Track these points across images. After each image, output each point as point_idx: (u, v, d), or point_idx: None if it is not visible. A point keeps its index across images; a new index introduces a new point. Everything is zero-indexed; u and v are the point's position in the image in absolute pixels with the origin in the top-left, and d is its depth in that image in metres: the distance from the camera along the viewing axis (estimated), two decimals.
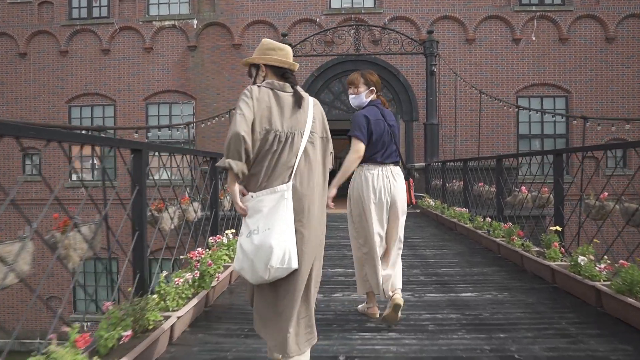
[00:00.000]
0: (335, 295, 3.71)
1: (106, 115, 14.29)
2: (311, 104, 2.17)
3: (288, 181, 2.02)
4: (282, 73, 2.16)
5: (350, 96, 3.14)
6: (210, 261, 3.44)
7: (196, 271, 3.28)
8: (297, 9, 13.58)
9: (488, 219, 5.98)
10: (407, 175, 3.73)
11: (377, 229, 2.96)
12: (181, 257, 3.60)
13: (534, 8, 13.55)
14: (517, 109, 13.66)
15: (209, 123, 11.56)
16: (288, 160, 2.04)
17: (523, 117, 13.85)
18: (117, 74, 14.13)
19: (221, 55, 13.96)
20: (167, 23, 13.95)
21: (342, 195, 3.08)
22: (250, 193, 2.02)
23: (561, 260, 3.94)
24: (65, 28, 14.11)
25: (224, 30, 13.93)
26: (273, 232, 1.93)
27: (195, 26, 13.89)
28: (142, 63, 14.10)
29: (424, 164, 10.34)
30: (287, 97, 2.10)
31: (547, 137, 13.80)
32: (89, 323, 13.75)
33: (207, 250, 3.80)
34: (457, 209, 7.15)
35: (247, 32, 13.90)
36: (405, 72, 12.80)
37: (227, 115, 12.12)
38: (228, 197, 5.14)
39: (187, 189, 4.57)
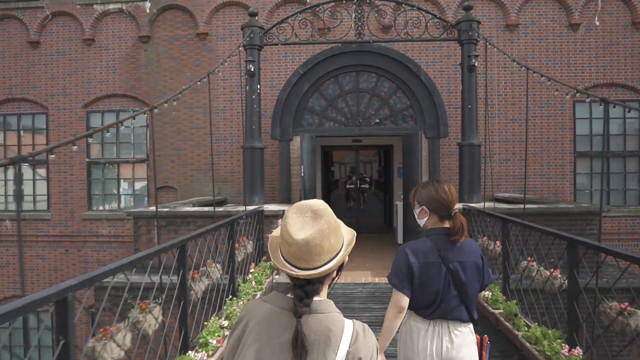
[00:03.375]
0: None
1: (36, 127, 10.58)
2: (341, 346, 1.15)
3: None
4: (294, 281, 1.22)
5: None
6: None
7: None
8: None
9: None
10: (477, 329, 2.16)
11: None
12: None
13: None
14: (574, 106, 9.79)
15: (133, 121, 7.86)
16: None
17: (581, 129, 9.95)
18: (49, 74, 10.42)
19: (182, 49, 10.20)
20: (112, 7, 10.19)
21: None
22: None
23: None
24: None
25: (186, 16, 10.16)
26: None
27: (148, 10, 10.12)
28: (81, 59, 10.37)
29: (460, 205, 6.49)
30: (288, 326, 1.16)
31: (615, 157, 9.88)
32: None
33: None
34: (563, 349, 3.29)
35: (216, 18, 10.11)
36: (425, 68, 8.95)
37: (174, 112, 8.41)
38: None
39: None
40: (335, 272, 1.25)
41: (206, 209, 7.34)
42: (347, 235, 1.28)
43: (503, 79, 9.77)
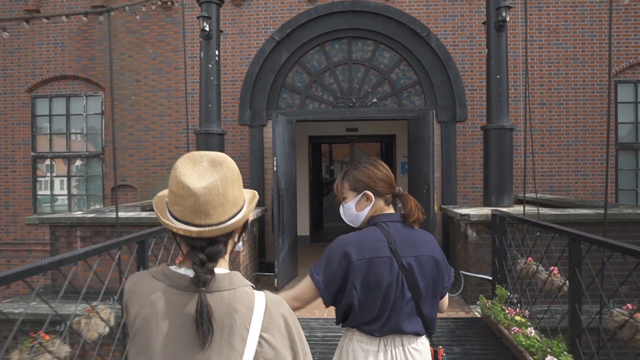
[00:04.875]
0: None
1: None
2: (254, 319, 0.88)
3: None
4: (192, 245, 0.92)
5: (340, 208, 1.71)
6: None
7: None
8: None
9: None
10: (431, 341, 1.70)
11: None
12: None
13: None
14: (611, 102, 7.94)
15: None
16: None
17: (624, 116, 8.12)
18: None
19: (143, 21, 8.42)
20: None
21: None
22: None
23: None
24: None
25: None
26: None
27: None
28: (24, 34, 8.62)
29: (488, 210, 4.64)
30: (185, 306, 0.88)
31: None
32: None
33: None
34: None
35: None
36: (437, 34, 7.12)
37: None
38: None
39: None
40: (237, 235, 0.99)
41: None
42: (248, 193, 1.04)
43: (529, 55, 7.93)
